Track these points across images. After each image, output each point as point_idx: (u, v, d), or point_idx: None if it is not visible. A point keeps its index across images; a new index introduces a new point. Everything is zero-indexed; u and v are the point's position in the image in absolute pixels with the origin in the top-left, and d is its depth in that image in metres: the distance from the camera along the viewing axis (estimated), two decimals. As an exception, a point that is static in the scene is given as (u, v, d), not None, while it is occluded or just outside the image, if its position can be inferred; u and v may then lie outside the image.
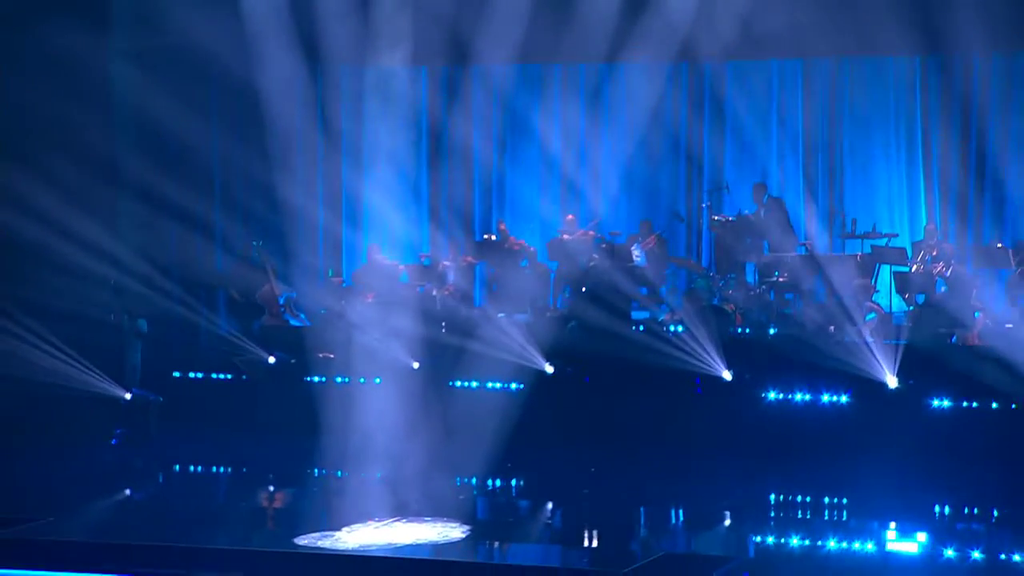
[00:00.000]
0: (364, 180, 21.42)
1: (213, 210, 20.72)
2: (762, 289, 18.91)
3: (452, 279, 20.09)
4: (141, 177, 19.45)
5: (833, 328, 17.16)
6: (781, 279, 18.63)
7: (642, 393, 16.55)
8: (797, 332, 17.24)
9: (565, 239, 20.38)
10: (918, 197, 20.39)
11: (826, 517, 14.01)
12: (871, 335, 16.66)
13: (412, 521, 12.82)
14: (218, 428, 17.23)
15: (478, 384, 17.15)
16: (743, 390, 16.43)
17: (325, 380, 17.67)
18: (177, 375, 18.36)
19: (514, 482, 15.42)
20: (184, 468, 16.64)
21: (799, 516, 14.01)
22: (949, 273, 18.19)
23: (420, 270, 20.44)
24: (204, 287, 20.23)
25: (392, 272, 20.37)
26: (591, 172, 21.41)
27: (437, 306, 19.20)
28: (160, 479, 16.29)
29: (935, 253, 18.62)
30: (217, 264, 20.92)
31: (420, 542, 12.20)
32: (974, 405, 15.72)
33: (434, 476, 14.37)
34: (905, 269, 18.56)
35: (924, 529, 13.11)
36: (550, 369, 17.14)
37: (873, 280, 18.69)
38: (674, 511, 14.30)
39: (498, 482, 15.18)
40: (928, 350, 16.35)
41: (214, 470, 16.64)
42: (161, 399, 17.91)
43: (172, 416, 17.74)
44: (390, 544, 12.07)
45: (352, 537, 12.28)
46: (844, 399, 16.09)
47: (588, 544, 12.98)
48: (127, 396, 17.77)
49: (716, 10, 18.83)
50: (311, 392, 17.33)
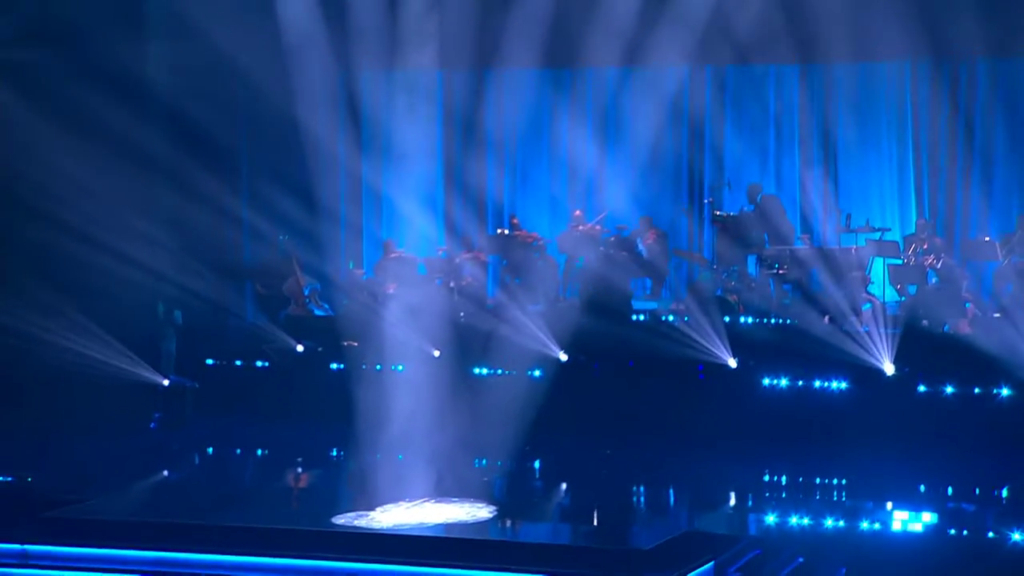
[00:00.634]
0: (383, 177, 21.46)
1: (242, 206, 20.71)
2: (763, 281, 18.94)
3: (468, 272, 20.12)
4: (175, 175, 19.44)
5: (831, 318, 17.21)
6: (781, 271, 18.66)
7: (652, 380, 16.61)
8: (797, 322, 17.29)
9: (574, 233, 20.40)
10: (908, 194, 20.41)
11: (833, 498, 14.12)
12: (868, 324, 16.72)
13: (441, 502, 12.87)
14: (250, 413, 17.22)
15: (497, 371, 17.16)
16: (747, 377, 16.50)
17: (350, 368, 17.67)
18: (211, 363, 18.35)
19: (535, 464, 15.48)
20: (220, 451, 16.68)
21: (803, 496, 14.09)
22: (940, 265, 18.23)
23: (437, 263, 20.44)
24: (234, 279, 20.24)
25: (411, 265, 20.38)
26: (598, 170, 21.41)
27: (455, 297, 19.23)
28: (197, 461, 16.35)
29: (926, 246, 18.67)
30: (246, 257, 20.92)
31: (451, 521, 12.27)
32: (966, 391, 15.81)
33: (458, 459, 14.40)
34: (898, 262, 18.60)
35: (929, 509, 13.17)
36: (564, 357, 17.19)
37: (867, 272, 18.74)
38: (689, 491, 14.38)
39: (519, 465, 15.22)
40: (922, 339, 16.46)
41: (248, 453, 16.68)
42: (197, 385, 17.96)
43: (207, 402, 17.80)
44: (422, 524, 12.13)
45: (386, 517, 12.33)
46: (844, 385, 16.19)
47: (610, 523, 13.02)
48: (165, 383, 17.81)
49: (723, 18, 18.87)
50: (337, 379, 17.37)
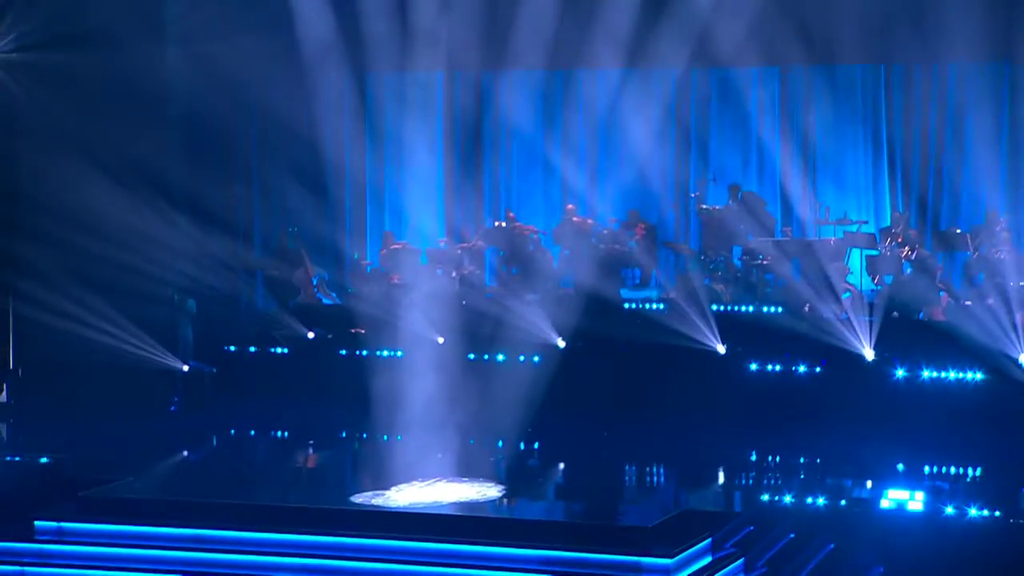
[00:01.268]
0: (387, 172, 21.54)
1: (252, 199, 20.77)
2: (747, 271, 19.08)
3: (467, 263, 20.21)
4: (187, 173, 19.47)
5: (812, 306, 17.35)
6: (764, 262, 18.80)
7: (644, 365, 16.74)
8: (782, 310, 17.43)
9: (567, 225, 20.49)
10: (883, 189, 20.54)
11: (819, 477, 14.29)
12: (848, 312, 16.87)
13: (453, 481, 12.95)
14: (267, 397, 17.29)
15: (497, 357, 17.26)
16: (735, 362, 16.65)
17: (359, 353, 17.76)
18: (232, 349, 18.39)
19: (536, 446, 15.58)
20: (239, 433, 16.75)
21: (792, 476, 14.26)
22: (915, 256, 18.39)
23: (438, 254, 20.54)
24: (246, 269, 20.29)
25: (414, 256, 20.46)
26: (590, 166, 21.50)
27: (456, 287, 19.32)
28: (216, 443, 16.41)
29: (901, 239, 18.81)
30: (257, 248, 20.97)
31: (462, 500, 12.37)
32: (941, 375, 15.99)
33: (466, 441, 14.49)
34: (875, 253, 18.75)
35: (909, 487, 13.29)
36: (562, 344, 17.29)
37: (846, 262, 18.89)
38: (685, 472, 14.51)
39: (522, 446, 15.34)
40: (899, 326, 16.63)
41: (266, 435, 16.75)
42: (215, 370, 18.02)
43: (224, 386, 17.86)
44: (436, 502, 12.22)
45: (401, 496, 12.40)
46: (825, 370, 16.37)
47: (612, 501, 13.15)
48: (184, 368, 17.87)
49: (710, 25, 18.98)
50: (347, 364, 17.46)
